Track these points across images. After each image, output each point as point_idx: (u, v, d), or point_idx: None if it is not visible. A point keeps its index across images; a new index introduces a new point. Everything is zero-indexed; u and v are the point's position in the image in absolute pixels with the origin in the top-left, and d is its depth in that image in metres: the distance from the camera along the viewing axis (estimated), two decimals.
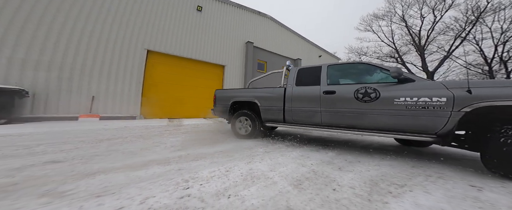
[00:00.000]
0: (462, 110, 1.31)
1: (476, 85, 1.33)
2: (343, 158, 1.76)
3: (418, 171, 1.41)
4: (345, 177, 1.27)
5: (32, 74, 3.97)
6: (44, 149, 1.62)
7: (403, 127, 1.57)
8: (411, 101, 1.50)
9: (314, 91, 2.09)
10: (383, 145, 2.46)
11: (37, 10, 4.18)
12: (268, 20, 10.48)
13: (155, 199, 0.82)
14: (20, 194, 0.80)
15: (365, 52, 16.64)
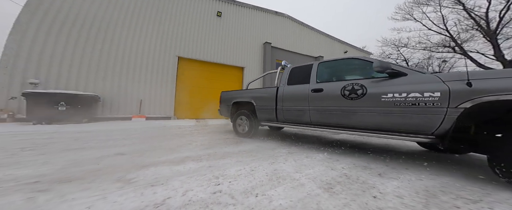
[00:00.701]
0: (460, 105, 1.12)
1: (478, 77, 1.12)
2: (383, 163, 1.56)
3: (495, 184, 1.12)
4: (389, 184, 1.12)
5: (101, 83, 5.08)
6: (112, 143, 2.06)
7: (392, 126, 1.42)
8: (400, 98, 1.35)
9: (304, 89, 2.06)
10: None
11: (106, 43, 5.29)
12: (286, 19, 10.16)
13: (193, 193, 0.94)
14: (103, 178, 1.05)
15: (405, 43, 14.02)
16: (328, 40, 12.43)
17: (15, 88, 4.04)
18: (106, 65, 5.20)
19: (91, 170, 1.19)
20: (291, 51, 10.30)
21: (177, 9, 6.84)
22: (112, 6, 5.54)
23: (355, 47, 14.03)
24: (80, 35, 4.92)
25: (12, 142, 2.01)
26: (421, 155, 1.83)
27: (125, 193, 0.87)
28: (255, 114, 2.59)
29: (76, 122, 3.97)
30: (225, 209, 0.80)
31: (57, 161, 1.35)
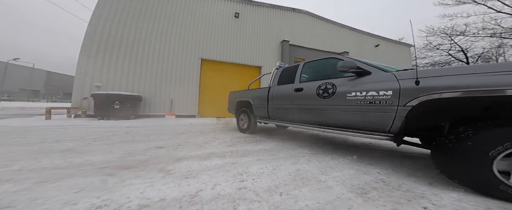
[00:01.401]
0: (408, 104, 1.14)
1: (426, 75, 1.12)
2: (433, 171, 1.34)
3: None
4: (444, 195, 0.96)
5: (142, 85, 5.97)
6: (153, 137, 2.42)
7: (355, 123, 1.48)
8: (360, 96, 1.40)
9: (288, 89, 2.18)
10: None
11: (144, 52, 6.15)
12: (304, 15, 9.56)
13: (221, 187, 1.01)
14: (149, 168, 1.25)
15: (461, 31, 11.31)
16: (355, 34, 11.13)
17: (86, 91, 5.18)
18: (145, 70, 6.06)
19: (141, 160, 1.43)
20: (310, 48, 9.69)
21: (199, 14, 7.30)
22: (146, 20, 6.36)
23: (388, 39, 12.13)
24: (126, 47, 5.88)
25: (87, 133, 2.60)
26: None
27: (167, 183, 1.02)
28: (253, 111, 2.82)
29: (126, 118, 4.80)
30: (251, 205, 0.83)
31: (117, 151, 1.67)
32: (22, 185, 0.90)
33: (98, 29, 5.52)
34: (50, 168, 1.17)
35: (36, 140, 2.02)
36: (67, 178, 1.01)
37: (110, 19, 5.73)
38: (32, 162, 1.28)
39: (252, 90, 3.02)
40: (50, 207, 0.72)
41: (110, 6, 5.78)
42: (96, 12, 5.59)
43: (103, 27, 5.60)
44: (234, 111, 3.40)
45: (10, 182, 0.94)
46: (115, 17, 5.79)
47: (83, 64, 5.26)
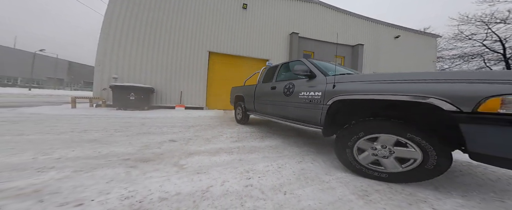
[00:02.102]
0: (328, 103, 1.46)
1: (342, 80, 1.45)
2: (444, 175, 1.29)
3: None
4: (448, 201, 0.96)
5: (154, 77, 6.20)
6: (166, 130, 2.58)
7: (303, 118, 1.79)
8: (306, 95, 1.71)
9: (267, 87, 2.56)
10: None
11: (156, 44, 6.22)
12: (316, 6, 8.82)
13: (230, 184, 1.09)
14: (165, 162, 1.38)
15: (504, 18, 9.83)
16: (372, 25, 10.17)
17: (105, 82, 5.52)
18: (156, 63, 6.22)
19: (157, 153, 1.56)
20: (321, 41, 9.11)
21: (207, 6, 7.06)
22: (156, 14, 6.31)
23: (410, 30, 10.94)
24: (138, 41, 6.00)
25: (108, 123, 2.85)
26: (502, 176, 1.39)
27: (181, 177, 1.12)
28: (245, 105, 3.26)
29: (140, 109, 5.12)
30: (257, 202, 0.89)
31: (136, 143, 1.83)
32: (63, 173, 1.06)
33: (112, 25, 5.65)
34: (82, 158, 1.34)
35: (67, 129, 2.27)
36: (98, 168, 1.16)
37: (122, 15, 5.79)
38: (67, 151, 1.46)
39: (245, 86, 3.41)
40: (89, 195, 0.85)
41: (122, 2, 5.80)
42: (110, 7, 5.66)
43: (116, 23, 5.71)
44: (233, 103, 3.91)
45: (53, 169, 1.10)
46: (126, 12, 5.84)
47: (101, 58, 5.53)
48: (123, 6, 5.80)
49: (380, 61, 10.59)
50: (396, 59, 10.89)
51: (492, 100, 0.78)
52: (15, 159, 1.24)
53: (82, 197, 0.83)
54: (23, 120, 2.70)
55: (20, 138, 1.75)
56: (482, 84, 0.84)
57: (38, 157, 1.29)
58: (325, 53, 9.32)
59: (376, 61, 10.52)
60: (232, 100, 3.98)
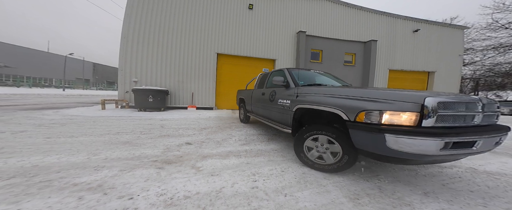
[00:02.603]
0: (293, 110, 1.86)
1: (302, 92, 1.86)
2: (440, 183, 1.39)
3: None
4: (432, 205, 1.07)
5: (168, 79, 6.69)
6: (181, 132, 2.90)
7: (280, 120, 2.19)
8: (282, 102, 2.13)
9: (259, 92, 3.00)
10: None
11: (169, 48, 6.64)
12: (324, 2, 8.45)
13: (239, 185, 1.30)
14: (185, 164, 1.64)
15: None
16: (387, 19, 9.48)
17: (127, 85, 6.13)
18: (170, 66, 6.67)
19: (177, 155, 1.85)
20: (330, 38, 8.80)
21: (214, 8, 7.23)
22: (167, 20, 6.67)
23: (433, 22, 9.96)
24: (153, 47, 6.47)
25: (134, 125, 3.27)
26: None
27: (199, 179, 1.37)
28: (245, 106, 3.78)
29: (158, 109, 5.63)
30: (261, 203, 1.08)
31: (159, 145, 2.15)
32: (113, 172, 1.37)
33: (130, 32, 6.16)
34: (123, 159, 1.66)
35: (103, 131, 2.71)
36: (136, 169, 1.46)
37: (138, 22, 6.26)
38: (109, 152, 1.82)
39: (247, 90, 3.90)
40: (135, 191, 1.13)
41: (136, 10, 6.25)
42: (126, 16, 6.15)
43: (133, 31, 6.21)
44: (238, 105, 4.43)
45: (105, 168, 1.43)
46: (141, 20, 6.29)
47: (122, 64, 6.13)
48: (138, 14, 6.26)
49: (396, 57, 9.89)
50: (415, 54, 10.05)
51: (361, 113, 1.17)
52: (74, 158, 1.60)
53: (131, 192, 1.11)
54: (68, 122, 3.24)
55: (72, 140, 2.17)
56: (363, 102, 1.22)
57: (91, 157, 1.65)
58: (334, 51, 8.99)
59: (392, 57, 9.85)
60: (237, 102, 4.46)
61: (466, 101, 1.09)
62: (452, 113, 1.03)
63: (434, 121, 1.00)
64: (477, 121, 1.10)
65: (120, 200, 1.02)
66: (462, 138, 0.98)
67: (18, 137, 2.19)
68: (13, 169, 1.33)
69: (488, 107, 1.15)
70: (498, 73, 13.27)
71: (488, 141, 1.05)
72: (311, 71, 2.71)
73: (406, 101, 1.07)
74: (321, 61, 8.94)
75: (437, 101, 1.01)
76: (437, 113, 0.99)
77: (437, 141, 0.95)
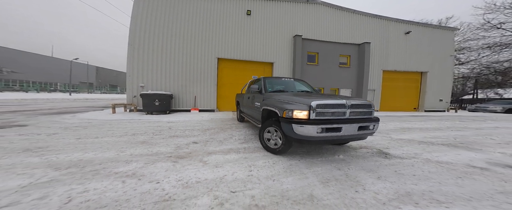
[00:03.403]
0: (260, 110, 2.55)
1: (267, 97, 2.59)
2: (393, 170, 1.74)
3: None
4: (379, 185, 1.44)
5: (173, 84, 7.09)
6: (188, 133, 3.29)
7: (256, 118, 2.85)
8: (257, 104, 2.84)
9: (247, 96, 3.70)
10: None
11: (172, 54, 7.03)
12: (319, 6, 8.82)
13: (237, 174, 1.67)
14: (193, 159, 2.02)
15: None
16: (379, 21, 9.83)
17: (134, 90, 6.55)
18: (174, 71, 7.08)
19: (187, 152, 2.23)
20: (325, 41, 9.16)
21: (214, 16, 7.63)
22: (170, 27, 7.08)
23: (424, 24, 10.33)
24: (157, 53, 6.87)
25: (145, 127, 3.66)
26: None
27: (206, 169, 1.74)
28: (239, 108, 4.58)
29: (163, 112, 6.02)
30: (253, 185, 1.45)
31: (171, 144, 2.53)
32: (140, 164, 1.76)
33: (136, 40, 6.58)
34: (144, 155, 2.05)
35: (121, 133, 3.10)
36: (156, 162, 1.84)
37: (143, 30, 6.68)
38: (132, 150, 2.20)
39: (241, 94, 4.56)
40: (160, 178, 1.51)
41: (141, 20, 6.67)
42: (133, 22, 6.57)
43: (139, 39, 6.63)
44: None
45: (133, 161, 1.81)
46: (146, 28, 6.71)
47: (130, 69, 6.55)
48: (142, 23, 6.68)
49: (389, 58, 10.23)
50: (408, 55, 10.38)
51: (284, 111, 1.88)
52: (107, 154, 1.99)
53: (157, 178, 1.49)
54: (88, 126, 3.65)
55: (98, 140, 2.57)
56: (287, 104, 1.94)
57: (119, 153, 2.04)
58: (329, 53, 9.35)
59: (386, 58, 10.19)
60: (236, 104, 5.14)
61: (336, 103, 1.81)
62: (326, 110, 1.76)
63: (315, 115, 1.72)
64: (346, 115, 1.83)
65: (151, 184, 1.40)
66: (329, 125, 1.70)
67: (53, 138, 2.59)
68: (66, 162, 1.72)
69: (355, 107, 1.86)
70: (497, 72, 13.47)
71: (350, 127, 1.76)
72: (282, 79, 3.42)
73: (304, 104, 1.80)
74: (317, 63, 9.31)
75: (316, 104, 1.74)
76: (316, 110, 1.72)
77: (315, 127, 1.65)
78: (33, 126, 3.44)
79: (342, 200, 1.22)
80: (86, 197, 1.17)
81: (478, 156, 2.29)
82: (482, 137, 3.52)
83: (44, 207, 1.06)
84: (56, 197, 1.17)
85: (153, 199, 1.19)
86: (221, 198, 1.23)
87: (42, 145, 2.25)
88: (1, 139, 2.50)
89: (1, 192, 1.21)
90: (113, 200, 1.15)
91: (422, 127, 4.63)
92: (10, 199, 1.13)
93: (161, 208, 1.09)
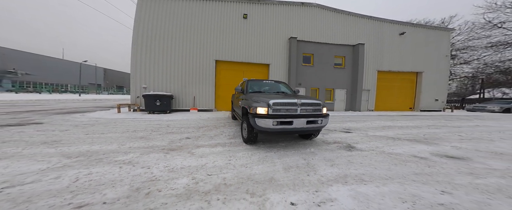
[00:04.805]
0: (241, 107, 2.99)
1: (246, 98, 2.92)
2: (347, 160, 1.99)
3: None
4: (331, 170, 1.71)
5: (173, 85, 7.44)
6: (183, 130, 3.58)
7: (240, 114, 3.18)
8: (241, 103, 3.07)
9: (235, 96, 4.33)
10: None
11: (172, 57, 7.37)
12: (315, 9, 9.02)
13: (217, 162, 1.92)
14: (183, 150, 2.31)
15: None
16: (373, 23, 9.94)
17: (138, 91, 6.93)
18: (174, 73, 7.43)
19: (178, 145, 2.52)
20: (320, 43, 9.35)
21: (212, 19, 7.94)
22: (171, 31, 7.43)
23: (419, 25, 10.38)
24: (158, 56, 7.24)
25: (146, 125, 3.98)
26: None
27: (191, 159, 2.02)
28: (232, 106, 5.02)
29: (164, 112, 6.37)
30: (228, 171, 1.70)
31: (165, 139, 2.83)
32: (136, 155, 2.05)
33: (139, 44, 6.96)
34: (141, 147, 2.35)
35: (124, 129, 3.43)
36: (150, 153, 2.14)
37: (145, 35, 7.06)
38: (131, 143, 2.51)
39: (234, 94, 4.93)
40: (151, 165, 1.79)
41: (143, 25, 7.05)
42: (136, 28, 6.95)
43: (141, 43, 7.01)
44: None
45: (131, 153, 2.12)
46: (148, 33, 7.09)
47: (134, 71, 6.94)
48: (145, 28, 7.06)
49: (384, 59, 10.30)
50: (403, 55, 10.41)
51: (251, 108, 2.35)
52: (110, 147, 2.31)
53: (148, 165, 1.78)
54: (95, 123, 4.01)
55: (103, 135, 2.90)
56: (254, 102, 2.40)
57: (120, 146, 2.35)
58: (324, 55, 9.52)
59: (380, 59, 10.27)
60: (231, 104, 5.65)
61: (289, 102, 2.27)
62: (281, 107, 2.23)
63: (272, 111, 2.20)
64: (298, 112, 2.27)
65: (143, 169, 1.69)
66: (283, 119, 2.16)
67: (66, 133, 2.94)
68: (76, 152, 2.04)
69: (305, 105, 2.32)
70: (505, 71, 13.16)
71: (300, 121, 2.21)
72: (264, 81, 3.77)
73: (264, 102, 2.26)
74: (312, 64, 9.49)
75: (273, 102, 2.22)
76: (273, 108, 2.20)
77: (271, 120, 2.13)
78: (48, 123, 3.83)
79: (293, 181, 1.47)
80: (90, 178, 1.47)
81: (430, 148, 2.50)
82: (452, 134, 3.68)
83: (58, 184, 1.36)
84: (67, 177, 1.47)
85: (142, 179, 1.47)
86: (198, 179, 1.50)
87: (56, 139, 2.60)
88: (23, 134, 2.86)
89: (27, 173, 1.52)
90: (110, 180, 1.44)
91: (403, 125, 4.78)
92: (33, 178, 1.44)
93: (147, 185, 1.37)
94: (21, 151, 2.05)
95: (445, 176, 1.63)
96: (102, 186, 1.34)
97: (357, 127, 4.47)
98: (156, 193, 1.26)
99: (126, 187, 1.33)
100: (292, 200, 1.20)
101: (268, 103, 2.20)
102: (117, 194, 1.23)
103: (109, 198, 1.18)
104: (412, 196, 1.26)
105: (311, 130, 2.33)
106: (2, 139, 2.50)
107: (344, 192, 1.28)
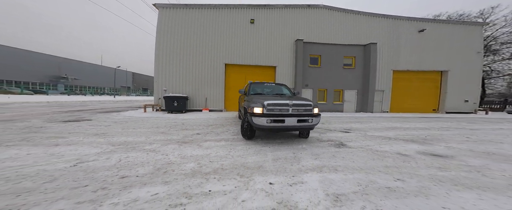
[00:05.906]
0: (242, 107, 3.40)
1: (247, 99, 3.23)
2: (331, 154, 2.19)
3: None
4: (314, 162, 1.95)
5: (188, 88, 8.27)
6: (195, 127, 4.11)
7: (243, 114, 3.32)
8: (244, 104, 3.30)
9: (240, 97, 4.69)
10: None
11: (189, 62, 8.20)
12: (321, 10, 8.92)
13: (219, 153, 2.30)
14: (194, 143, 2.77)
15: None
16: (387, 21, 9.36)
17: (159, 93, 7.93)
18: (189, 76, 8.25)
19: (190, 139, 3.01)
20: (328, 44, 9.19)
21: (222, 26, 8.54)
22: (187, 38, 8.24)
23: (443, 21, 9.39)
24: (177, 62, 8.13)
25: (165, 123, 4.68)
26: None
27: (199, 150, 2.45)
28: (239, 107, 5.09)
29: (180, 112, 7.17)
30: (226, 159, 2.06)
31: (180, 134, 3.37)
32: (158, 145, 2.59)
33: (160, 53, 7.95)
34: (161, 140, 2.91)
35: (149, 126, 4.13)
36: (168, 145, 2.66)
37: (166, 44, 8.02)
38: (155, 137, 3.10)
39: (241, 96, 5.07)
40: (169, 153, 2.29)
41: (164, 36, 8.01)
42: (158, 39, 7.96)
43: (163, 51, 7.98)
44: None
45: (155, 143, 2.67)
46: (168, 42, 8.03)
47: (157, 76, 7.96)
48: (165, 39, 8.01)
49: (400, 58, 9.56)
50: (423, 53, 9.49)
51: (249, 108, 2.72)
52: (139, 139, 2.92)
53: (166, 153, 2.27)
54: (128, 121, 4.87)
55: (135, 130, 3.60)
56: (252, 103, 2.73)
57: (146, 138, 2.95)
58: (333, 55, 9.30)
59: (396, 58, 9.56)
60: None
61: (282, 102, 2.57)
62: (274, 107, 2.53)
63: (266, 111, 2.52)
64: (290, 111, 2.55)
65: (163, 155, 2.18)
66: (275, 118, 2.45)
67: (109, 128, 3.74)
68: (118, 142, 2.68)
69: (296, 105, 2.58)
70: None
71: (291, 120, 2.46)
72: (265, 84, 4.12)
73: (260, 103, 2.57)
74: (320, 65, 9.37)
75: (267, 103, 2.53)
76: (267, 108, 2.52)
77: (266, 119, 2.43)
78: (95, 120, 4.82)
79: (277, 168, 1.76)
80: (128, 159, 2.01)
81: (420, 148, 2.46)
82: (459, 136, 3.42)
83: (108, 163, 1.91)
84: (114, 158, 2.03)
85: (162, 162, 1.95)
86: (202, 164, 1.91)
87: (103, 132, 3.36)
88: (80, 127, 3.75)
89: (88, 155, 2.14)
90: (140, 161, 1.95)
91: (411, 127, 4.52)
92: (94, 158, 2.04)
93: (165, 167, 1.83)
94: (82, 139, 2.79)
95: (412, 169, 1.72)
96: (136, 165, 1.84)
97: (359, 127, 4.43)
98: (171, 172, 1.70)
99: (151, 167, 1.81)
100: (271, 181, 1.51)
101: (263, 104, 2.53)
102: (145, 171, 1.71)
103: (140, 173, 1.66)
104: (368, 182, 1.44)
105: (303, 127, 2.54)
106: (68, 131, 3.36)
107: (315, 178, 1.53)
